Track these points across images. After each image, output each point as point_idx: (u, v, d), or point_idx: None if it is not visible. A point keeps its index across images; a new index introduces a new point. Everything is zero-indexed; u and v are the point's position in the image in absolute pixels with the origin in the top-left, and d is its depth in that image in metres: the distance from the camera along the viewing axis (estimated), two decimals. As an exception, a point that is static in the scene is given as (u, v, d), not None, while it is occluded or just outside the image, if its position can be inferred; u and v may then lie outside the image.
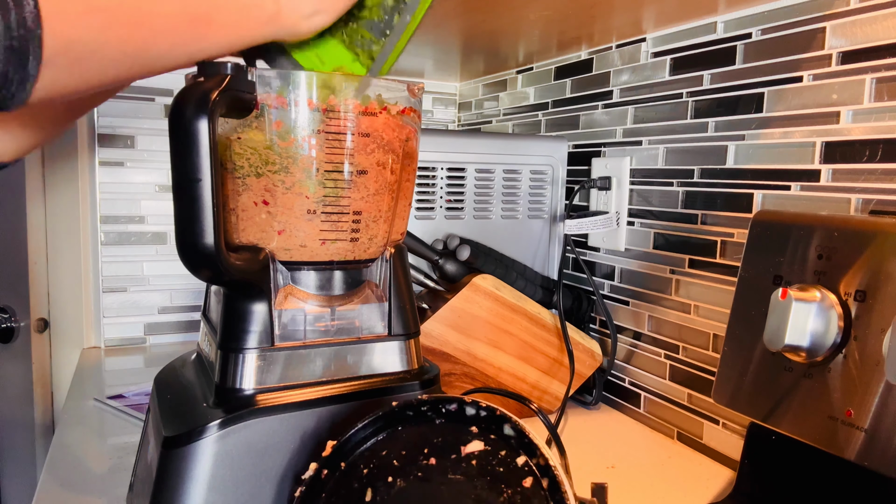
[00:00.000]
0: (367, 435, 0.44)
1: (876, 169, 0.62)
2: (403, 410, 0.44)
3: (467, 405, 0.42)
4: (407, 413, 0.44)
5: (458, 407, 0.43)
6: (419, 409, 0.43)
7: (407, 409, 0.44)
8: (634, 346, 0.91)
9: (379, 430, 0.44)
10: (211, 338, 0.54)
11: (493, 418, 0.41)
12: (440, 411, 0.43)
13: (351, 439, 0.44)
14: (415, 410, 0.44)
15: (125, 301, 1.18)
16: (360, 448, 0.44)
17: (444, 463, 0.41)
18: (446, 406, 0.43)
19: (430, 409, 0.43)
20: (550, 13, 0.80)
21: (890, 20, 0.60)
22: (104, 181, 1.15)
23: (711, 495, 0.70)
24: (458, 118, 1.44)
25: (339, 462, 0.43)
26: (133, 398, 0.92)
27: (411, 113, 0.54)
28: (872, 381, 0.51)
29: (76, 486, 0.68)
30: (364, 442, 0.44)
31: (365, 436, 0.44)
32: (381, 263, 0.55)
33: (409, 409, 0.44)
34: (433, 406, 0.43)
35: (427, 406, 0.43)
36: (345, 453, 0.44)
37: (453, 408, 0.43)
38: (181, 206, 0.43)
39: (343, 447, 0.44)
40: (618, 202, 0.93)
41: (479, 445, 0.41)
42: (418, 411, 0.43)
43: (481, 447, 0.41)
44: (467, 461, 0.40)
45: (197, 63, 0.45)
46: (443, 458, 0.41)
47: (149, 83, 1.16)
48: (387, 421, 0.44)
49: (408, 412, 0.44)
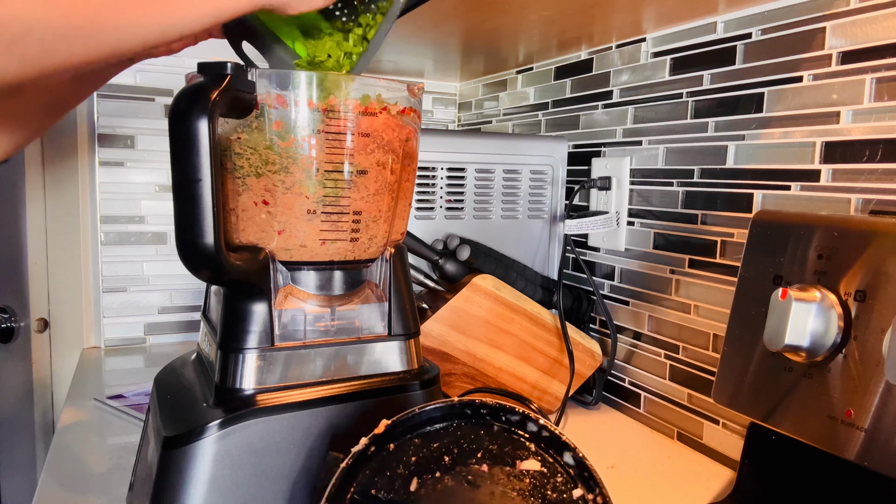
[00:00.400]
0: (421, 422, 0.42)
1: (876, 169, 0.62)
2: (463, 407, 0.42)
3: (531, 420, 0.41)
4: (465, 411, 0.42)
5: (520, 419, 0.41)
6: (479, 411, 0.42)
7: (466, 406, 0.42)
8: (634, 346, 0.91)
9: (434, 420, 0.42)
10: (211, 338, 0.54)
11: (556, 442, 0.40)
12: (500, 418, 0.42)
13: (404, 422, 0.42)
14: (474, 410, 0.42)
15: (125, 301, 1.18)
16: (412, 434, 0.42)
17: (496, 472, 0.40)
18: (508, 415, 0.42)
19: (490, 414, 0.42)
20: (550, 13, 0.80)
21: (890, 20, 0.60)
22: (104, 181, 1.15)
23: (711, 495, 0.70)
24: (458, 118, 1.44)
25: (389, 443, 0.42)
26: (133, 398, 0.92)
27: (411, 113, 0.54)
28: (872, 381, 0.51)
29: (76, 486, 0.68)
30: (417, 428, 0.42)
31: (419, 422, 0.42)
32: (381, 263, 0.55)
33: (468, 407, 0.42)
34: (494, 412, 0.42)
35: (487, 409, 0.42)
36: (396, 435, 0.42)
37: (516, 419, 0.41)
38: (181, 206, 0.43)
39: (395, 428, 0.42)
40: (618, 202, 0.93)
41: (535, 465, 0.40)
42: (478, 413, 0.42)
43: (538, 467, 0.40)
44: (520, 478, 0.39)
45: (174, 39, 0.42)
46: (496, 467, 0.40)
47: (149, 83, 1.16)
48: (444, 413, 0.42)
49: (466, 410, 0.42)
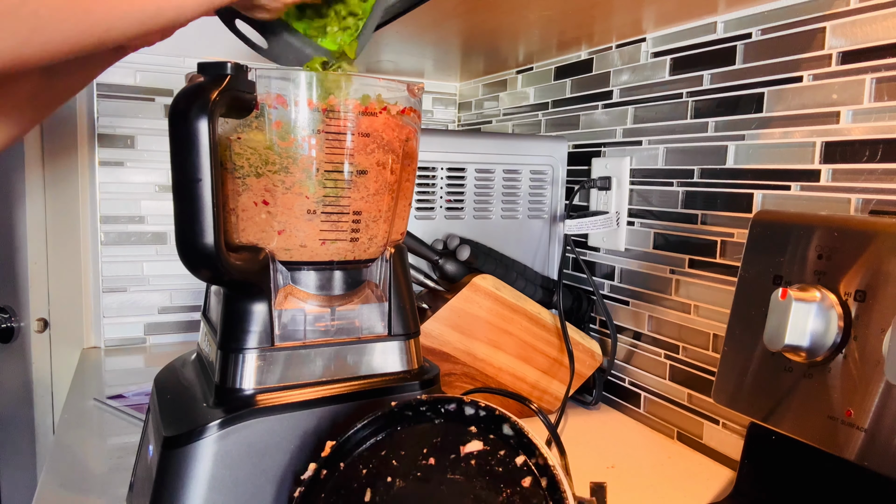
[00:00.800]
0: (366, 435, 0.44)
1: (876, 169, 0.62)
2: (402, 411, 0.44)
3: (466, 405, 0.42)
4: (406, 413, 0.44)
5: (456, 407, 0.43)
6: (418, 409, 0.43)
7: (406, 409, 0.44)
8: (634, 346, 0.91)
9: (378, 430, 0.44)
10: (211, 338, 0.54)
11: (492, 418, 0.41)
12: (439, 411, 0.43)
13: (350, 439, 0.44)
14: (414, 410, 0.44)
15: (125, 301, 1.18)
16: (359, 448, 0.44)
17: (443, 463, 0.41)
18: (445, 406, 0.43)
19: (429, 409, 0.43)
20: (550, 13, 0.80)
21: (890, 20, 0.60)
22: (104, 181, 1.15)
23: (711, 495, 0.70)
24: (458, 118, 1.44)
25: (339, 462, 0.43)
26: (133, 398, 0.92)
27: (411, 113, 0.54)
28: (872, 381, 0.51)
29: (76, 486, 0.68)
30: (363, 442, 0.44)
31: (364, 436, 0.44)
32: (381, 263, 0.55)
33: (407, 409, 0.44)
34: (432, 406, 0.43)
35: (426, 406, 0.43)
36: (344, 453, 0.44)
37: (452, 408, 0.43)
38: (181, 206, 0.43)
39: (342, 447, 0.44)
40: (618, 202, 0.93)
41: (478, 445, 0.41)
42: (417, 411, 0.43)
43: (480, 447, 0.41)
44: (466, 461, 0.40)
45: (164, 27, 0.41)
46: (442, 458, 0.41)
47: (149, 83, 1.16)
48: (386, 421, 0.44)
49: (406, 412, 0.44)
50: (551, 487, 0.37)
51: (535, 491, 0.37)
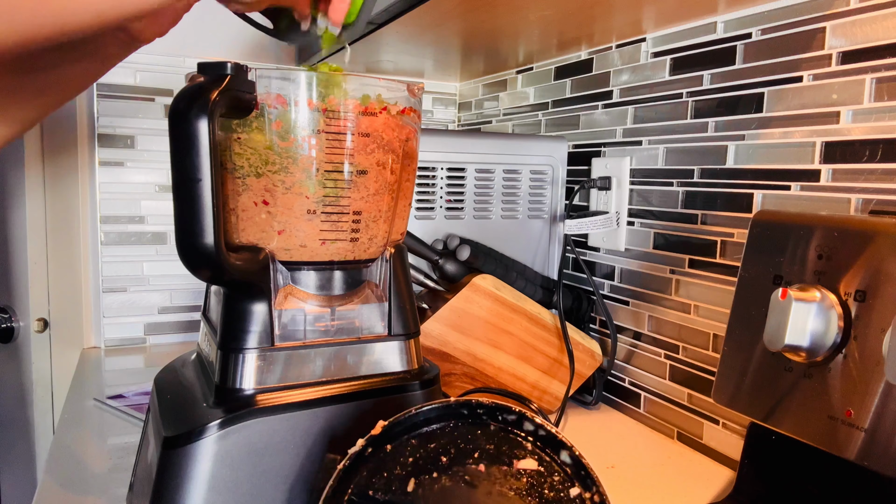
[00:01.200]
0: (418, 422, 0.42)
1: (876, 169, 0.62)
2: (459, 408, 0.42)
3: (527, 420, 0.41)
4: (461, 411, 0.42)
5: (517, 419, 0.41)
6: (475, 411, 0.42)
7: (463, 407, 0.42)
8: (634, 346, 0.91)
9: (430, 420, 0.42)
10: (211, 338, 0.54)
11: (553, 441, 0.40)
12: (497, 418, 0.42)
13: (402, 423, 0.42)
14: (470, 410, 0.42)
15: (125, 301, 1.18)
16: (409, 434, 0.42)
17: (493, 472, 0.40)
18: (505, 415, 0.42)
19: (487, 414, 0.42)
20: (550, 13, 0.80)
21: (890, 20, 0.60)
22: (104, 181, 1.15)
23: (711, 495, 0.70)
24: (458, 118, 1.44)
25: (386, 444, 0.42)
26: (133, 398, 0.92)
27: (411, 113, 0.54)
28: (872, 381, 0.51)
29: (76, 486, 0.68)
30: (414, 429, 0.42)
31: (416, 423, 0.42)
32: (381, 263, 0.55)
33: (464, 407, 0.42)
34: (490, 412, 0.42)
35: (484, 409, 0.42)
36: (393, 436, 0.42)
37: (512, 418, 0.41)
38: (181, 206, 0.43)
39: (392, 429, 0.42)
40: (618, 202, 0.93)
41: (532, 464, 0.40)
42: (474, 413, 0.42)
43: (535, 466, 0.40)
44: (518, 477, 0.39)
45: (124, 17, 0.39)
46: (493, 467, 0.40)
47: (149, 83, 1.16)
48: (440, 413, 0.42)
49: (462, 410, 0.42)
50: None
51: None
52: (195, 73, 0.45)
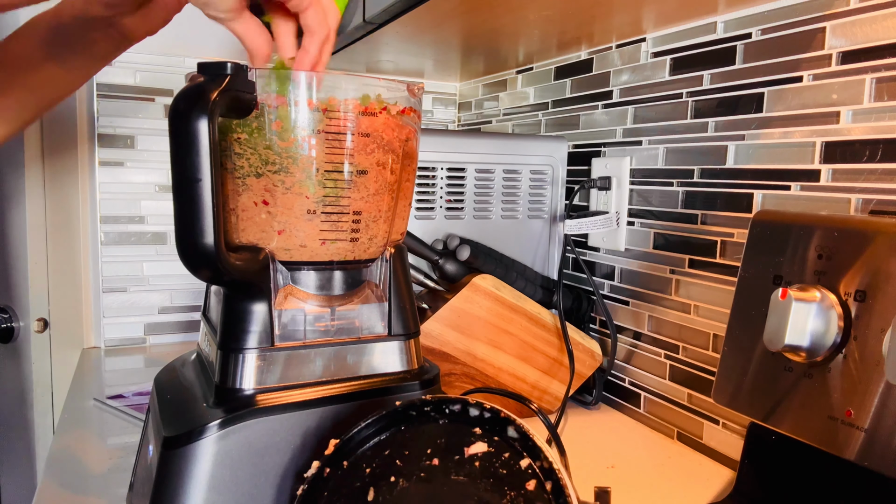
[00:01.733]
0: (369, 434, 0.44)
1: (876, 169, 0.62)
2: (406, 410, 0.43)
3: (471, 406, 0.42)
4: (410, 413, 0.43)
5: (461, 408, 0.42)
6: (422, 410, 0.43)
7: (410, 408, 0.43)
8: (634, 346, 0.91)
9: (382, 429, 0.44)
10: (211, 338, 0.54)
11: (497, 420, 0.41)
12: (444, 412, 0.43)
13: (354, 438, 0.44)
14: (418, 410, 0.43)
15: (125, 301, 1.18)
16: (363, 447, 0.44)
17: (447, 464, 0.41)
18: (450, 406, 0.43)
19: (434, 410, 0.43)
20: (550, 13, 0.80)
21: (890, 20, 0.60)
22: (104, 181, 1.15)
23: (711, 495, 0.70)
24: (458, 118, 1.44)
25: (342, 461, 0.43)
26: (133, 398, 0.92)
27: (411, 113, 0.54)
28: (872, 381, 0.51)
29: (76, 486, 0.68)
30: (367, 441, 0.44)
31: (368, 435, 0.44)
32: (381, 263, 0.55)
33: (412, 408, 0.43)
34: (436, 406, 0.43)
35: (430, 406, 0.43)
36: (347, 452, 0.43)
37: (457, 408, 0.42)
38: (181, 206, 0.43)
39: (346, 446, 0.44)
40: (618, 202, 0.93)
41: (482, 447, 0.41)
42: (421, 411, 0.43)
43: (485, 449, 0.41)
44: (470, 462, 0.40)
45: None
46: (446, 459, 0.41)
47: (149, 83, 1.16)
48: (390, 420, 0.44)
49: (411, 412, 0.43)
50: (556, 491, 0.37)
51: (540, 494, 0.37)
52: (195, 73, 0.45)
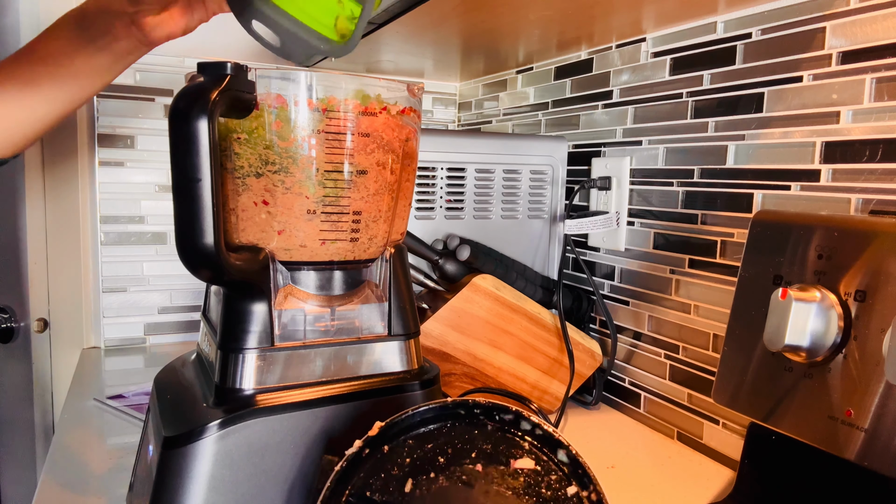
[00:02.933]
0: (415, 423, 0.42)
1: (876, 169, 0.62)
2: (456, 408, 0.42)
3: (524, 419, 0.41)
4: (459, 411, 0.42)
5: (514, 418, 0.41)
6: (472, 411, 0.42)
7: (460, 406, 0.42)
8: (634, 346, 0.91)
9: (427, 420, 0.42)
10: (211, 338, 0.54)
11: (550, 440, 0.40)
12: (494, 418, 0.42)
13: (398, 424, 0.42)
14: (468, 410, 0.42)
15: (125, 301, 1.18)
16: (406, 435, 0.42)
17: (490, 471, 0.40)
18: (502, 415, 0.42)
19: (484, 414, 0.42)
20: (550, 13, 0.80)
21: (890, 20, 0.60)
22: (104, 181, 1.15)
23: (711, 495, 0.70)
24: (458, 118, 1.44)
25: (383, 445, 0.42)
26: (133, 398, 0.92)
27: (411, 113, 0.54)
28: (872, 381, 0.51)
29: (76, 486, 0.68)
30: (411, 430, 0.42)
31: (412, 423, 0.42)
32: (381, 263, 0.55)
33: (461, 407, 0.42)
34: (487, 411, 0.42)
35: (481, 409, 0.42)
36: (390, 437, 0.42)
37: (509, 418, 0.41)
38: (181, 207, 0.43)
39: (389, 430, 0.42)
40: (618, 202, 0.93)
41: (529, 463, 0.40)
42: (471, 412, 0.42)
43: (532, 466, 0.40)
44: (515, 476, 0.39)
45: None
46: (489, 467, 0.40)
47: (149, 83, 1.16)
48: (437, 414, 0.42)
49: (460, 410, 0.42)
50: None
51: None
52: (195, 73, 0.45)
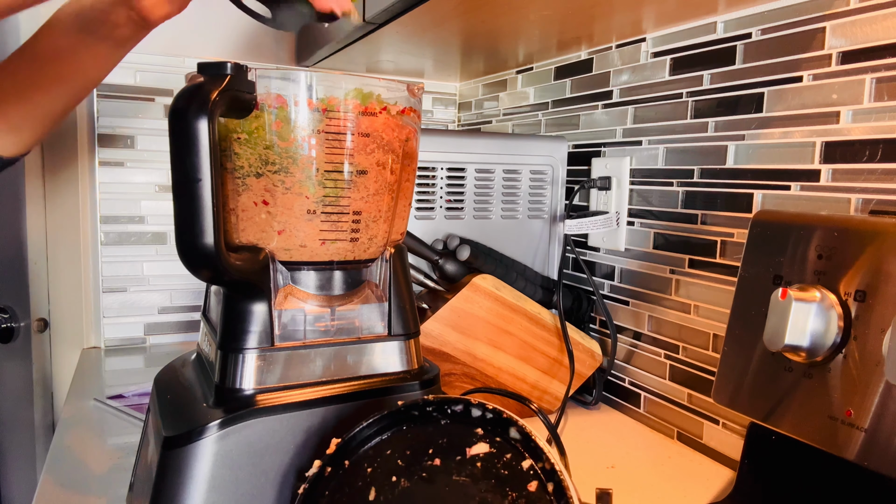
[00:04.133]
0: (371, 433, 0.44)
1: (876, 169, 0.62)
2: (409, 410, 0.43)
3: (473, 406, 0.42)
4: (412, 413, 0.43)
5: (463, 408, 0.42)
6: (424, 410, 0.43)
7: (412, 408, 0.43)
8: (634, 346, 0.91)
9: (383, 429, 0.44)
10: (211, 338, 0.54)
11: (499, 421, 0.41)
12: (445, 412, 0.43)
13: (355, 437, 0.44)
14: (420, 410, 0.43)
15: (125, 301, 1.18)
16: (365, 447, 0.44)
17: (448, 464, 0.41)
18: (452, 407, 0.43)
19: (436, 410, 0.43)
20: (550, 13, 0.80)
21: (890, 20, 0.60)
22: (104, 181, 1.15)
23: (711, 495, 0.70)
24: (458, 118, 1.44)
25: (343, 460, 0.43)
26: (133, 398, 0.92)
27: (411, 113, 0.54)
28: (872, 381, 0.51)
29: (76, 486, 0.68)
30: (368, 440, 0.44)
31: (369, 434, 0.44)
32: (381, 263, 0.55)
33: (414, 408, 0.43)
34: (438, 406, 0.43)
35: (432, 406, 0.43)
36: (349, 451, 0.43)
37: (459, 409, 0.42)
38: (181, 207, 0.43)
39: (347, 445, 0.44)
40: (618, 202, 0.93)
41: (484, 448, 0.41)
42: (423, 411, 0.43)
43: (486, 449, 0.40)
44: (472, 463, 0.40)
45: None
46: (447, 459, 0.41)
47: (149, 83, 1.16)
48: (392, 420, 0.44)
49: (413, 412, 0.43)
50: (557, 492, 0.37)
51: (541, 495, 0.37)
52: (195, 73, 0.45)
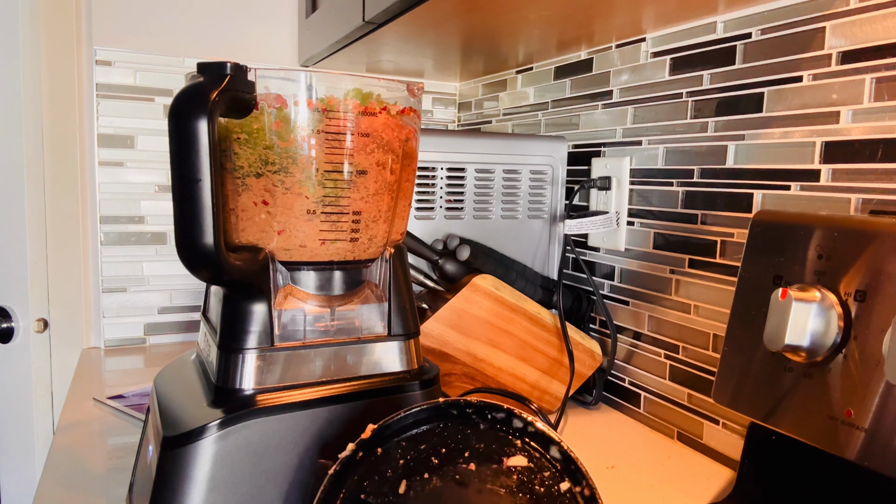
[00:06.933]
0: (407, 424, 0.43)
1: (876, 169, 0.62)
2: (448, 408, 0.42)
3: (516, 417, 0.41)
4: (451, 411, 0.42)
5: (506, 416, 0.41)
6: (464, 410, 0.42)
7: (452, 406, 0.42)
8: (634, 346, 0.91)
9: (420, 422, 0.43)
10: (211, 338, 0.54)
11: (542, 437, 0.40)
12: (486, 417, 0.42)
13: (391, 426, 0.42)
14: (460, 410, 0.42)
15: (125, 301, 1.18)
16: (399, 437, 0.42)
17: (483, 470, 0.40)
18: (494, 413, 0.42)
19: (476, 413, 0.42)
20: (550, 13, 0.80)
21: (890, 20, 0.60)
22: (104, 181, 1.15)
23: (711, 495, 0.70)
24: (458, 118, 1.44)
25: (376, 447, 0.42)
26: (133, 398, 0.92)
27: (411, 113, 0.54)
28: (872, 381, 0.51)
29: (76, 486, 0.68)
30: (404, 431, 0.42)
31: (405, 425, 0.43)
32: (380, 263, 0.55)
33: (453, 407, 0.42)
34: (479, 410, 0.42)
35: (473, 409, 0.42)
36: (383, 439, 0.42)
37: (501, 416, 0.41)
38: (181, 207, 0.43)
39: (382, 433, 0.42)
40: (618, 202, 0.93)
41: (522, 461, 0.40)
42: (463, 412, 0.42)
43: (524, 463, 0.40)
44: (508, 474, 0.39)
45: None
46: (483, 466, 0.40)
47: (149, 83, 1.16)
48: (429, 414, 0.42)
49: (452, 410, 0.42)
50: None
51: None
52: (195, 73, 0.45)
